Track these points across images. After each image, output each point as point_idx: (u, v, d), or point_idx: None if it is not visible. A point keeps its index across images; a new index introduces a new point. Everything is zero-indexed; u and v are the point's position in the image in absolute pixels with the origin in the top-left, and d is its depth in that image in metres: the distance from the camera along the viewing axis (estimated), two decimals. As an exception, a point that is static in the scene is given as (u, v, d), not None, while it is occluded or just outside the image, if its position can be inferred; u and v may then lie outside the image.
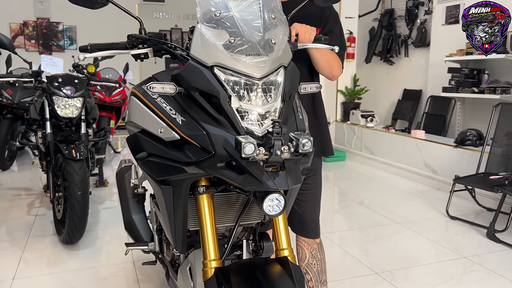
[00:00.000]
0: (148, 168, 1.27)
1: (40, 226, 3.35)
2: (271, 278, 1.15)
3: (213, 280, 1.16)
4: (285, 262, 1.22)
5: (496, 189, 3.17)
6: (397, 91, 6.46)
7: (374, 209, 3.84)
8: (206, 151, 1.10)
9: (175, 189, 1.24)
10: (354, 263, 2.77)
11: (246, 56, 1.11)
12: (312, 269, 1.92)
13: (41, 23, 8.31)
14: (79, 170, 2.81)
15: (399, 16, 6.37)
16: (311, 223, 1.90)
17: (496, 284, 2.50)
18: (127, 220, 2.17)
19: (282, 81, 1.16)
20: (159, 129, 1.21)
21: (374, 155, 5.51)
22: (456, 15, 5.31)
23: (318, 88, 1.35)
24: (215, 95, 1.11)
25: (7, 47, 3.05)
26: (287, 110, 1.18)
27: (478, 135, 4.19)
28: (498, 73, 4.80)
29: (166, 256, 1.80)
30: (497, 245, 3.05)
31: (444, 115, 5.50)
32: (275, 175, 1.05)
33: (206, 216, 1.24)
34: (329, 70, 1.75)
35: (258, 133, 1.10)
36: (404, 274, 2.60)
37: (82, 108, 3.14)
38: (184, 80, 1.16)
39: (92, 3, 1.38)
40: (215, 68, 1.12)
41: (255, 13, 1.17)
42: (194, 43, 1.17)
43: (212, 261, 1.20)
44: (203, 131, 1.11)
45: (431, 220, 3.58)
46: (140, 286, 2.44)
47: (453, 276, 2.60)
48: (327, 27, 1.77)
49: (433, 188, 4.47)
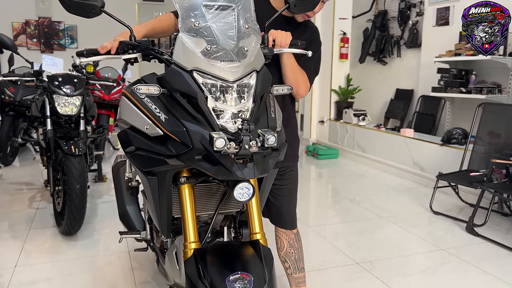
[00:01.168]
0: (136, 161, 1.42)
1: (40, 218, 3.51)
2: (243, 258, 1.30)
3: (192, 259, 1.31)
4: (257, 244, 1.37)
5: (475, 185, 3.32)
6: (390, 91, 6.61)
7: (362, 205, 4.00)
8: (185, 145, 1.25)
9: (159, 180, 1.40)
10: (337, 254, 2.92)
11: (221, 62, 1.26)
12: (290, 258, 2.08)
13: (42, 22, 8.46)
14: (78, 165, 2.96)
15: (392, 17, 6.51)
16: (288, 216, 2.05)
17: (469, 274, 2.65)
18: (122, 211, 2.33)
19: (254, 84, 1.31)
20: (145, 125, 1.37)
21: (366, 153, 5.66)
22: (446, 17, 5.44)
23: (289, 90, 1.50)
24: (193, 96, 1.26)
25: (9, 47, 3.20)
26: (258, 110, 1.33)
27: (463, 134, 4.33)
28: (485, 74, 4.94)
29: (156, 243, 1.95)
30: (475, 238, 3.20)
31: (434, 114, 5.64)
32: (244, 166, 1.21)
33: (187, 203, 1.39)
34: (295, 85, 1.82)
35: (232, 130, 1.25)
36: (383, 265, 2.75)
37: (81, 106, 3.30)
38: (167, 82, 1.31)
39: (87, 12, 1.53)
40: (194, 72, 1.27)
41: (230, 24, 1.32)
42: (176, 50, 1.33)
43: (191, 243, 1.36)
44: (183, 128, 1.26)
45: (415, 215, 3.73)
46: (134, 273, 2.60)
47: (429, 266, 2.75)
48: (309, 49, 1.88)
49: (420, 185, 4.62)
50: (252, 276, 1.20)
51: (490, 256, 2.90)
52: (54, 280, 2.53)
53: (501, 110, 3.94)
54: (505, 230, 3.36)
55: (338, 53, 6.24)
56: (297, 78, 1.84)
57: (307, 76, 1.87)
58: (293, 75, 1.82)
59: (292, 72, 1.82)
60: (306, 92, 1.91)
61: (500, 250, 3.00)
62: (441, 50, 5.27)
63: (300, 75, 1.84)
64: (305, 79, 1.87)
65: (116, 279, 2.54)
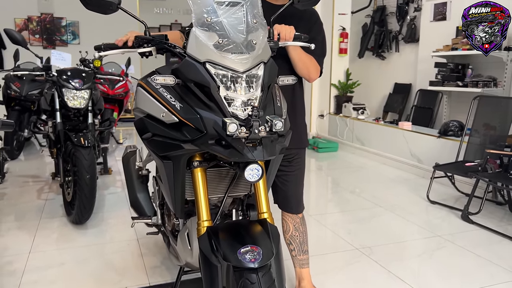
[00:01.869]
0: (153, 146, 1.54)
1: (50, 209, 3.63)
2: (252, 234, 1.42)
3: (205, 236, 1.43)
4: (264, 222, 1.49)
5: (470, 175, 3.44)
6: (388, 85, 6.72)
7: (361, 195, 4.12)
8: (199, 131, 1.37)
9: (174, 163, 1.51)
10: (337, 240, 3.04)
11: (232, 54, 1.38)
12: (295, 240, 2.20)
13: (44, 18, 8.54)
14: (88, 156, 3.08)
15: (391, 13, 6.61)
16: (294, 200, 2.17)
17: (464, 258, 2.78)
18: (133, 198, 2.45)
19: (262, 74, 1.43)
20: (161, 113, 1.48)
21: (365, 146, 5.78)
22: (443, 12, 5.55)
23: (294, 80, 1.62)
24: (207, 86, 1.37)
25: (20, 43, 3.30)
26: (266, 98, 1.45)
27: (459, 126, 4.45)
28: (481, 68, 5.06)
29: (167, 226, 2.07)
30: (470, 225, 3.33)
31: (432, 108, 5.76)
32: (254, 149, 1.32)
33: (200, 185, 1.51)
34: (306, 72, 1.98)
35: (242, 116, 1.36)
36: (381, 250, 2.88)
37: (89, 100, 3.41)
38: (181, 73, 1.42)
39: (104, 9, 1.64)
40: (206, 63, 1.38)
41: (240, 19, 1.43)
42: (189, 43, 1.44)
43: (204, 221, 1.47)
44: (197, 115, 1.38)
45: (412, 204, 3.86)
46: (144, 259, 2.72)
47: (425, 251, 2.88)
48: (311, 35, 1.98)
49: (418, 176, 4.75)
50: (261, 249, 1.32)
51: (484, 242, 3.02)
52: (67, 264, 2.64)
53: (495, 102, 4.06)
54: (498, 218, 3.49)
55: (337, 48, 6.34)
56: (306, 65, 1.96)
57: (315, 60, 1.98)
58: (302, 63, 1.94)
59: (301, 61, 1.94)
60: (317, 75, 2.04)
61: (493, 236, 3.12)
62: (438, 45, 5.39)
63: (309, 61, 1.96)
64: (314, 64, 1.99)
65: (126, 264, 2.66)
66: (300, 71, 1.98)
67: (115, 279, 2.47)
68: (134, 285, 2.39)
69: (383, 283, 2.45)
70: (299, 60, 1.94)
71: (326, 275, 2.51)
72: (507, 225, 3.35)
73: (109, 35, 8.10)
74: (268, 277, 1.28)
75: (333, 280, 2.44)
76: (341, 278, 2.49)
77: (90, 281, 2.44)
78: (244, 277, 1.26)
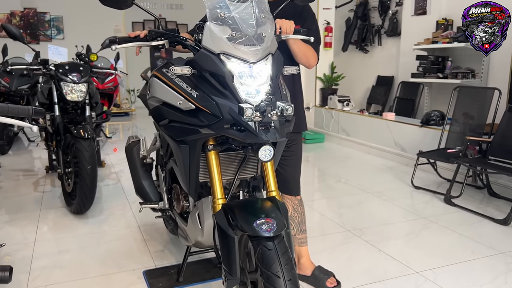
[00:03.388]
0: (170, 131, 1.67)
1: (48, 200, 3.71)
2: (265, 208, 1.57)
3: (221, 212, 1.57)
4: (273, 199, 1.64)
5: (452, 160, 3.66)
6: (371, 78, 6.94)
7: (349, 183, 4.31)
8: (215, 116, 1.51)
9: (190, 147, 1.65)
10: (329, 223, 3.22)
11: (244, 46, 1.51)
12: (294, 221, 2.36)
13: (28, 13, 8.49)
14: (88, 147, 3.17)
15: (373, 7, 6.82)
16: (293, 183, 2.33)
17: (447, 237, 2.99)
18: (138, 185, 2.56)
19: (270, 65, 1.57)
20: (178, 101, 1.61)
21: (350, 136, 5.98)
22: (424, 7, 5.77)
23: (297, 70, 1.77)
24: (222, 75, 1.51)
25: (18, 38, 3.36)
26: (274, 86, 1.59)
27: (441, 116, 4.68)
28: (460, 60, 5.30)
29: (176, 209, 2.20)
30: (452, 208, 3.55)
31: (413, 99, 6.00)
32: (267, 131, 1.47)
33: (214, 167, 1.65)
34: (305, 60, 2.14)
35: (254, 103, 1.50)
36: (371, 231, 3.06)
37: (87, 93, 3.49)
38: (198, 64, 1.56)
39: (120, 4, 1.76)
40: (221, 55, 1.52)
41: (250, 14, 1.57)
42: (204, 37, 1.57)
43: (219, 199, 1.61)
44: (213, 102, 1.51)
45: (398, 190, 4.07)
46: (147, 244, 2.84)
47: (412, 231, 3.08)
48: (306, 25, 2.15)
49: (401, 164, 4.97)
50: (274, 221, 1.46)
51: (465, 222, 3.24)
52: (74, 251, 2.75)
53: (474, 93, 4.29)
54: (478, 201, 3.72)
55: (322, 42, 6.51)
56: (306, 54, 2.12)
57: (313, 48, 2.14)
58: (302, 53, 2.10)
59: (301, 51, 2.09)
60: (316, 62, 2.20)
61: (474, 217, 3.34)
62: (419, 38, 5.61)
63: (308, 50, 2.12)
64: (312, 52, 2.15)
65: (131, 249, 2.77)
66: (300, 60, 2.14)
67: (122, 262, 2.59)
68: (141, 268, 2.51)
69: (374, 260, 2.63)
70: (299, 50, 2.09)
71: (321, 254, 2.68)
72: (485, 206, 3.58)
73: (94, 30, 8.13)
74: (282, 245, 1.44)
75: (328, 258, 2.61)
76: (336, 256, 2.67)
77: (98, 265, 2.56)
78: (261, 245, 1.41)
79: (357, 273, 2.46)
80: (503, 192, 3.80)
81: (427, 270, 2.49)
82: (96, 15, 8.24)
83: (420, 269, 2.50)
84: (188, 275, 2.40)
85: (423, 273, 2.46)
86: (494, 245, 2.83)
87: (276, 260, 1.38)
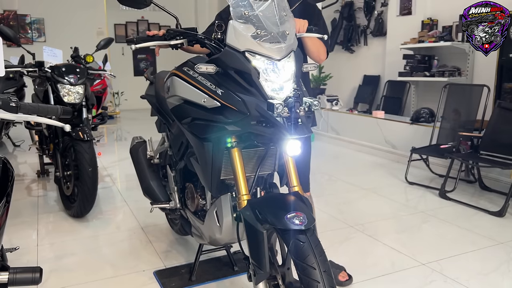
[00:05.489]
0: (194, 129, 1.68)
1: (45, 204, 3.64)
2: (292, 202, 1.59)
3: (248, 207, 1.59)
4: (298, 194, 1.66)
5: (445, 156, 3.76)
6: (358, 77, 7.04)
7: (344, 180, 4.38)
8: (242, 113, 1.52)
9: (214, 144, 1.66)
10: (331, 220, 3.27)
11: (269, 44, 1.54)
12: None
13: (8, 15, 8.30)
14: (88, 150, 3.14)
15: (358, 8, 6.92)
16: (303, 179, 2.36)
17: (447, 229, 3.07)
18: (146, 186, 2.55)
19: (293, 61, 1.60)
20: (202, 99, 1.62)
21: (340, 135, 6.07)
22: (409, 7, 5.90)
23: (315, 67, 1.80)
24: (247, 72, 1.53)
25: (12, 39, 3.29)
26: (297, 83, 1.62)
27: (430, 113, 4.80)
28: (446, 59, 5.44)
29: (190, 208, 2.20)
30: (447, 202, 3.64)
31: (400, 97, 6.12)
32: (295, 126, 1.49)
33: (238, 163, 1.66)
34: (317, 55, 2.20)
35: (279, 99, 1.53)
36: (373, 226, 3.13)
37: (84, 95, 3.45)
38: (222, 62, 1.57)
39: (138, 4, 1.76)
40: (246, 52, 1.54)
41: (273, 12, 1.60)
42: (229, 35, 1.58)
43: (244, 195, 1.63)
44: (240, 99, 1.53)
45: (393, 186, 4.15)
46: (153, 245, 2.83)
47: (414, 225, 3.16)
48: (314, 21, 2.20)
49: (392, 161, 5.07)
50: (304, 214, 1.49)
51: (462, 215, 3.34)
52: (79, 254, 2.72)
53: (463, 90, 4.42)
54: (470, 194, 3.84)
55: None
56: (318, 49, 2.18)
57: (323, 43, 2.19)
58: (316, 48, 2.16)
59: (315, 46, 2.15)
60: (326, 56, 2.25)
61: (469, 210, 3.45)
62: (404, 38, 5.73)
63: (320, 46, 2.18)
64: (323, 48, 2.20)
65: (137, 250, 2.76)
66: (312, 55, 2.20)
67: (131, 264, 2.57)
68: (151, 268, 2.50)
69: (381, 254, 2.69)
70: (313, 45, 2.13)
71: (328, 250, 2.66)
72: (478, 199, 3.70)
73: (76, 32, 7.99)
74: (314, 237, 1.46)
75: (336, 253, 2.65)
76: (343, 252, 2.72)
77: (107, 267, 2.54)
78: (295, 238, 1.43)
79: (366, 267, 2.51)
80: (494, 185, 3.93)
81: (433, 261, 2.56)
82: (78, 17, 8.14)
83: (426, 260, 2.57)
84: (200, 274, 2.40)
85: (429, 264, 2.52)
86: (493, 236, 2.92)
87: (310, 252, 1.40)
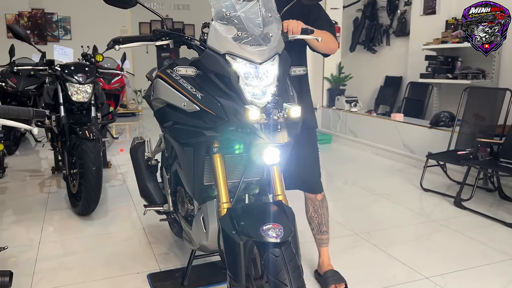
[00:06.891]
0: (174, 134, 1.63)
1: (54, 201, 3.69)
2: (272, 214, 1.52)
3: (226, 216, 1.53)
4: (280, 204, 1.59)
5: (462, 163, 3.59)
6: (380, 78, 6.86)
7: (357, 185, 4.26)
8: (220, 118, 1.46)
9: (195, 150, 1.61)
10: (337, 226, 3.16)
11: (250, 46, 1.47)
12: (314, 221, 2.34)
13: (35, 13, 8.52)
14: (93, 149, 3.15)
15: (381, 7, 6.75)
16: (312, 181, 2.30)
17: (458, 241, 2.92)
18: (143, 187, 2.53)
19: (277, 65, 1.53)
20: (182, 103, 1.57)
21: (358, 138, 5.92)
22: (433, 6, 5.69)
23: (305, 71, 1.72)
24: (227, 76, 1.47)
25: (23, 38, 3.35)
26: (281, 87, 1.55)
27: (450, 117, 4.60)
28: (470, 60, 5.21)
29: (180, 212, 2.16)
30: (462, 211, 3.48)
31: (422, 100, 5.92)
32: (273, 133, 1.42)
33: (219, 170, 1.61)
34: (327, 47, 2.10)
35: (260, 104, 1.46)
36: (380, 234, 3.01)
37: (92, 94, 3.47)
38: (202, 64, 1.52)
39: (124, 3, 1.72)
40: (226, 55, 1.48)
41: (256, 13, 1.53)
42: (210, 36, 1.53)
43: (224, 203, 1.57)
44: (218, 103, 1.47)
45: (407, 192, 4.00)
46: (152, 246, 2.81)
47: (422, 235, 3.02)
48: (313, 16, 2.11)
49: (410, 166, 4.90)
50: (281, 226, 1.42)
51: (475, 226, 3.17)
52: (79, 253, 2.73)
53: (485, 93, 4.22)
54: (489, 204, 3.65)
55: (330, 42, 6.44)
56: (327, 42, 2.06)
57: (330, 33, 2.09)
58: (324, 42, 1.99)
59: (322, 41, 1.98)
60: (337, 45, 2.15)
61: (485, 221, 3.27)
62: (428, 38, 5.53)
63: (327, 38, 2.06)
64: (331, 38, 2.10)
65: (136, 251, 2.74)
66: (322, 49, 2.10)
67: (127, 265, 2.55)
68: (145, 271, 2.48)
69: (383, 264, 2.58)
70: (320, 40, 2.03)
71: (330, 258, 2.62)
72: (497, 210, 3.51)
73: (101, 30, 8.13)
74: (289, 251, 1.39)
75: (336, 262, 2.54)
76: (344, 260, 2.61)
77: (103, 267, 2.53)
78: (268, 251, 1.36)
79: (366, 278, 2.41)
80: (515, 195, 3.73)
81: (437, 275, 2.43)
82: (103, 15, 8.26)
83: (430, 274, 2.44)
84: (193, 279, 2.36)
85: (433, 278, 2.40)
86: (506, 250, 2.76)
87: (283, 268, 1.33)
